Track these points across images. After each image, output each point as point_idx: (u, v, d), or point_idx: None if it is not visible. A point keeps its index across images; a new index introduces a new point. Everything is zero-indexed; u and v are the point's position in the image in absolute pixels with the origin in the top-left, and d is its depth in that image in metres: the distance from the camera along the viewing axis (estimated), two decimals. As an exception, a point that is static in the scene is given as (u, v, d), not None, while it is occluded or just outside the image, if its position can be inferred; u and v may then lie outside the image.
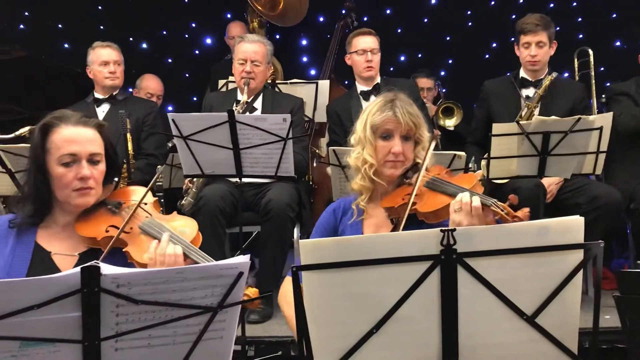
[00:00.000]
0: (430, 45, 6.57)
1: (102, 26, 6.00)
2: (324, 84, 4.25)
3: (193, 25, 6.57)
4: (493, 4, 6.53)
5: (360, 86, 3.86)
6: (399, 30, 6.62)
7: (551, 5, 6.36)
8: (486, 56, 6.58)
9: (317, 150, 4.51)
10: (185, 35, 6.58)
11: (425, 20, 6.67)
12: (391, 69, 6.12)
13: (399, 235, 1.34)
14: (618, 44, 6.26)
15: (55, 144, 1.72)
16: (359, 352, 1.28)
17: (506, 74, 3.79)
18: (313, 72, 6.34)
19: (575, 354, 1.31)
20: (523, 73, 3.66)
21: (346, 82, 4.99)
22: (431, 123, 4.35)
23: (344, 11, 5.57)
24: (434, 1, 6.64)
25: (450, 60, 6.69)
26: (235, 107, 3.37)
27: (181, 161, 2.96)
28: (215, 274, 1.28)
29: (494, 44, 6.53)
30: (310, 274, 1.25)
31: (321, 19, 6.50)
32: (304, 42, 6.69)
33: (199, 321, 1.29)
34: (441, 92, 5.52)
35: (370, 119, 2.01)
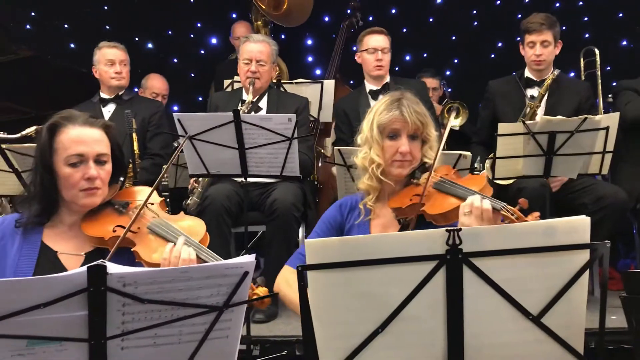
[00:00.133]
0: (436, 44, 6.55)
1: (108, 26, 6.01)
2: (329, 84, 4.24)
3: (198, 25, 6.57)
4: (499, 3, 6.50)
5: (370, 85, 3.84)
6: (404, 29, 6.59)
7: (557, 5, 6.31)
8: (492, 56, 6.53)
9: (323, 150, 4.50)
10: (191, 35, 6.59)
11: (431, 20, 6.65)
12: (396, 69, 6.09)
13: (404, 235, 1.34)
14: (624, 43, 6.21)
15: (62, 144, 1.73)
16: (364, 352, 1.28)
17: (512, 74, 3.78)
18: (318, 72, 6.32)
19: (582, 355, 1.31)
20: (528, 73, 3.64)
21: (352, 82, 4.97)
22: (438, 123, 4.33)
23: (349, 11, 5.55)
24: (439, 1, 6.62)
25: (455, 60, 6.66)
26: (241, 107, 3.37)
27: (187, 161, 2.97)
28: (220, 274, 1.28)
29: (500, 44, 6.49)
30: (316, 274, 1.25)
31: (326, 18, 6.49)
32: (309, 42, 6.68)
33: (204, 320, 1.30)
34: (446, 92, 5.51)
35: (377, 119, 1.99)
